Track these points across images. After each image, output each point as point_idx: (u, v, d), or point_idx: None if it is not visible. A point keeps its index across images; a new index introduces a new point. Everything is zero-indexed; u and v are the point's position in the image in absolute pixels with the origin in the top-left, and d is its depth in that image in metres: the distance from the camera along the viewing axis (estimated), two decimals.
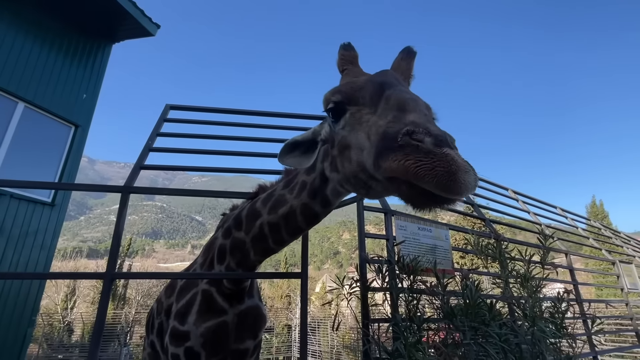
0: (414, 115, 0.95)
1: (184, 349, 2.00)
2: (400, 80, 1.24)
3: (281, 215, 1.72)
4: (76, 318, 24.38)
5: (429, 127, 0.88)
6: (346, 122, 1.22)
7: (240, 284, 2.03)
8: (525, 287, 2.16)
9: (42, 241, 5.29)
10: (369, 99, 1.15)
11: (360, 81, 1.24)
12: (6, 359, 4.65)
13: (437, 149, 0.84)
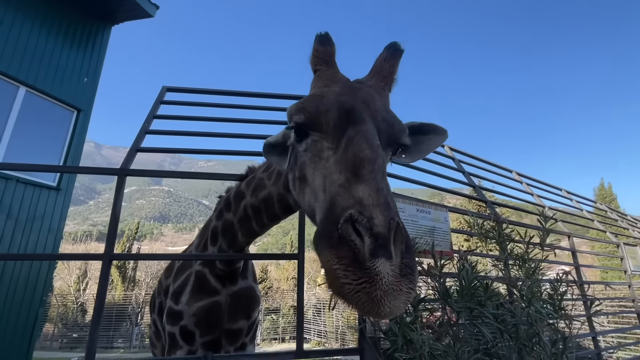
0: (364, 189, 0.86)
1: (179, 328, 2.06)
2: (373, 102, 1.11)
3: (261, 199, 1.73)
4: (89, 299, 25.18)
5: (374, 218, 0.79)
6: (308, 147, 1.11)
7: (232, 265, 2.06)
8: (523, 268, 2.15)
9: (50, 224, 5.39)
10: (332, 132, 1.05)
11: (327, 100, 1.10)
12: (19, 337, 4.82)
13: (371, 262, 0.75)
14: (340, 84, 1.19)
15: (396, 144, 1.13)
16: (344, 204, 0.85)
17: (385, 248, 0.77)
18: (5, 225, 4.81)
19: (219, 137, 2.42)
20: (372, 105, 1.10)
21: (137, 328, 21.19)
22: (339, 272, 0.76)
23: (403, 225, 0.84)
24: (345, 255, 0.77)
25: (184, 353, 2.08)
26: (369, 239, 0.77)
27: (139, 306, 22.68)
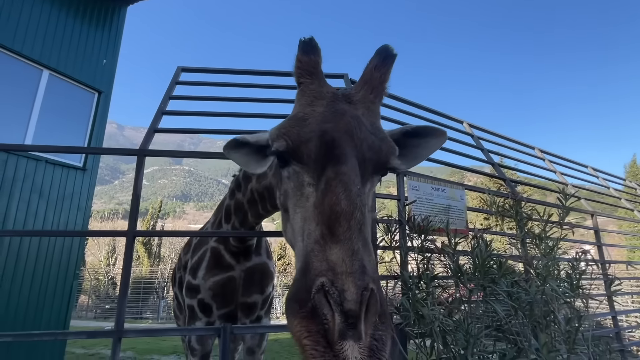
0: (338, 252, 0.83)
1: (197, 301, 2.17)
2: (357, 129, 1.05)
3: (264, 187, 1.76)
4: (118, 273, 26.66)
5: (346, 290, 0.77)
6: (290, 176, 1.08)
7: (245, 242, 2.14)
8: (539, 247, 2.13)
9: (78, 203, 5.66)
10: (313, 165, 1.01)
11: (309, 127, 1.05)
12: (57, 307, 5.20)
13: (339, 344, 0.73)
14: (325, 102, 1.12)
15: (384, 168, 1.10)
16: (318, 267, 0.83)
17: (355, 328, 0.75)
18: (38, 204, 5.09)
19: (236, 117, 2.44)
20: (356, 133, 1.03)
21: (163, 301, 22.38)
22: (308, 348, 0.75)
23: (379, 290, 0.82)
24: (315, 330, 0.76)
25: (202, 324, 2.21)
26: (338, 316, 0.75)
27: (164, 280, 23.87)
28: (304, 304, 0.79)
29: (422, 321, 1.74)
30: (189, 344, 2.34)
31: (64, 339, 1.99)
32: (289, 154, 1.05)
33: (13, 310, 4.69)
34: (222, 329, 1.72)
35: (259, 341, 2.50)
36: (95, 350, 10.05)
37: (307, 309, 0.78)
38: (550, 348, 1.64)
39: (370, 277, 0.81)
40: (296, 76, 1.21)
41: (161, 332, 1.97)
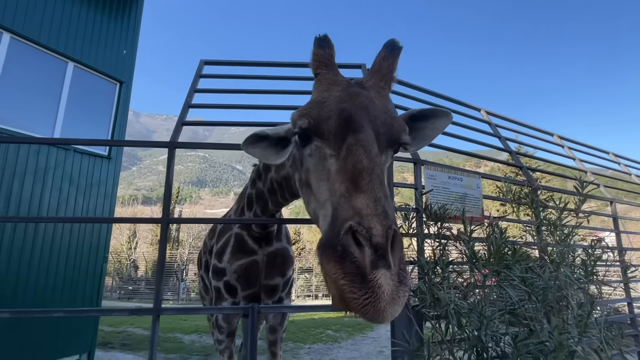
0: (363, 200, 0.92)
1: (223, 283, 2.32)
2: (372, 106, 1.15)
3: (282, 176, 1.86)
4: (139, 256, 27.65)
5: (372, 228, 0.85)
6: (312, 153, 1.17)
7: (266, 229, 2.27)
8: (554, 234, 2.18)
9: (105, 190, 5.94)
10: (333, 139, 1.10)
11: (328, 107, 1.15)
12: (89, 288, 5.54)
13: (372, 273, 0.81)
14: (340, 87, 1.22)
15: (396, 143, 1.18)
16: (345, 215, 0.91)
17: (384, 258, 0.82)
18: (69, 191, 5.37)
19: (259, 109, 2.54)
20: (371, 110, 1.13)
21: (183, 283, 23.18)
22: (346, 288, 0.82)
23: (399, 232, 0.90)
24: (349, 271, 0.83)
25: (228, 304, 2.36)
26: (368, 249, 0.83)
27: (183, 264, 24.66)
28: (335, 248, 0.86)
29: (438, 304, 1.84)
30: (216, 322, 2.52)
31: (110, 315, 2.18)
32: (310, 131, 1.14)
33: (50, 290, 5.04)
34: (251, 308, 1.87)
35: (280, 320, 2.67)
36: (122, 328, 10.63)
37: (338, 252, 0.85)
38: (561, 330, 1.72)
39: (393, 221, 0.90)
40: (313, 68, 1.32)
41: (195, 311, 2.14)
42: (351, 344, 9.37)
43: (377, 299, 0.80)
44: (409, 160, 2.36)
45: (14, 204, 4.75)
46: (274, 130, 1.42)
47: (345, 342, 9.55)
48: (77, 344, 5.30)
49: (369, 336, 10.34)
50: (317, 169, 1.13)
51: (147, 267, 26.42)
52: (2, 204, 4.63)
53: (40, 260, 4.98)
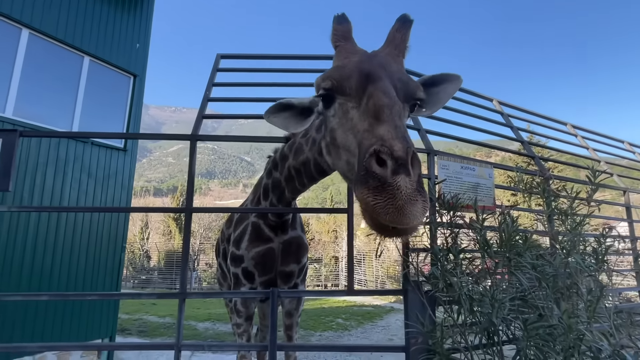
0: (384, 128, 1.03)
1: (241, 269, 2.43)
2: (389, 65, 1.26)
3: (300, 163, 1.92)
4: (151, 247, 28.23)
5: (394, 146, 0.96)
6: (335, 111, 1.29)
7: (282, 217, 2.35)
8: (565, 223, 2.22)
9: (122, 181, 6.11)
10: (355, 92, 1.21)
11: (348, 68, 1.27)
12: (109, 277, 5.77)
13: (393, 178, 0.92)
14: (358, 54, 1.35)
15: (412, 99, 1.29)
16: (368, 143, 1.02)
17: (405, 167, 0.94)
18: (87, 183, 5.54)
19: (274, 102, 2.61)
20: (388, 67, 1.26)
21: (194, 273, 23.64)
22: (370, 198, 0.94)
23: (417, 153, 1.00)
24: (373, 185, 0.94)
25: (246, 289, 2.47)
26: (390, 161, 0.94)
27: (195, 254, 25.11)
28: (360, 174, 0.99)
29: (451, 289, 1.92)
30: (234, 307, 2.64)
31: (138, 298, 2.36)
32: (333, 91, 1.27)
33: (73, 278, 5.25)
34: (271, 292, 1.97)
35: (296, 305, 2.78)
36: (137, 316, 10.98)
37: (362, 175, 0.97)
38: (570, 315, 1.78)
39: (411, 145, 1.01)
40: (333, 41, 1.46)
41: (218, 294, 2.26)
42: (361, 332, 9.55)
43: (395, 198, 0.91)
44: (422, 150, 2.41)
45: (37, 194, 4.94)
46: (298, 100, 1.55)
47: (355, 330, 9.72)
48: (99, 329, 5.54)
49: (379, 325, 10.51)
50: (341, 123, 1.25)
51: (159, 257, 27.00)
52: (27, 195, 4.81)
53: (63, 250, 5.19)
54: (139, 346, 3.25)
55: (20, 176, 4.76)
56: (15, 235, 4.73)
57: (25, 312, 4.71)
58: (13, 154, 2.14)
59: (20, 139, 2.21)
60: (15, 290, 4.55)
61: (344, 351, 6.26)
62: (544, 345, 1.74)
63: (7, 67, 4.89)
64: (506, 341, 1.99)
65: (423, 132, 2.57)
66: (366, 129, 1.09)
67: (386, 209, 0.91)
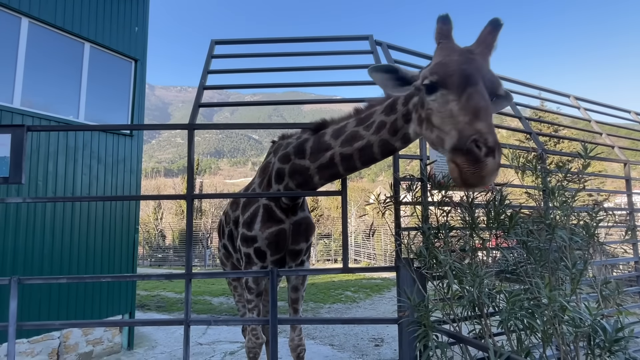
0: (482, 125, 1.39)
1: (254, 249, 2.59)
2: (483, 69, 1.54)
3: (356, 148, 2.03)
4: (165, 226, 29.05)
5: (488, 139, 1.35)
6: (436, 98, 1.59)
7: (295, 200, 2.51)
8: (554, 198, 2.28)
9: (130, 166, 6.27)
10: (456, 89, 1.51)
11: (451, 66, 1.55)
12: (124, 257, 6.05)
13: (484, 158, 1.34)
14: (457, 53, 1.60)
15: (494, 94, 1.60)
16: (470, 132, 1.39)
17: (493, 153, 1.35)
18: (98, 168, 5.72)
19: (274, 88, 2.65)
20: (482, 70, 1.54)
21: (208, 250, 24.40)
22: (466, 166, 1.37)
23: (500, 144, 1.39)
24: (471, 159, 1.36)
25: (257, 268, 2.65)
26: (484, 148, 1.34)
27: (207, 232, 25.80)
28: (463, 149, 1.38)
29: (440, 265, 2.03)
30: (246, 284, 2.82)
31: (149, 279, 2.55)
32: (438, 84, 1.56)
33: (91, 260, 5.55)
34: (271, 272, 2.11)
35: (302, 280, 2.97)
36: (156, 292, 11.51)
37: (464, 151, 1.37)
38: (552, 288, 1.87)
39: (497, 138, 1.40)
40: (436, 39, 1.71)
41: (222, 275, 2.41)
42: (369, 304, 9.89)
43: (483, 169, 1.35)
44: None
45: (51, 182, 5.14)
46: (403, 70, 1.81)
47: (363, 302, 10.07)
48: (119, 305, 5.89)
49: (386, 297, 10.84)
50: (440, 109, 1.56)
51: (173, 236, 27.82)
52: (41, 184, 5.02)
53: (80, 233, 5.46)
54: (151, 322, 3.49)
55: (34, 165, 4.96)
56: (34, 221, 4.99)
57: (49, 292, 5.04)
58: (23, 148, 2.26)
59: (28, 133, 2.33)
60: (38, 273, 4.85)
61: (342, 324, 6.55)
62: (526, 316, 1.85)
63: (10, 57, 4.97)
64: (493, 313, 2.11)
65: None
66: (467, 122, 1.42)
67: (475, 175, 1.36)
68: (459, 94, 1.49)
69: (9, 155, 2.24)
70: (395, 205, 2.28)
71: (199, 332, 6.79)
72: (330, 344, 6.30)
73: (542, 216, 2.24)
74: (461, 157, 1.38)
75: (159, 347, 6.07)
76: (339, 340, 6.53)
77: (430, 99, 1.62)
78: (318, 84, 2.73)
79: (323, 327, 7.23)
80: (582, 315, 1.81)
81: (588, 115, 4.23)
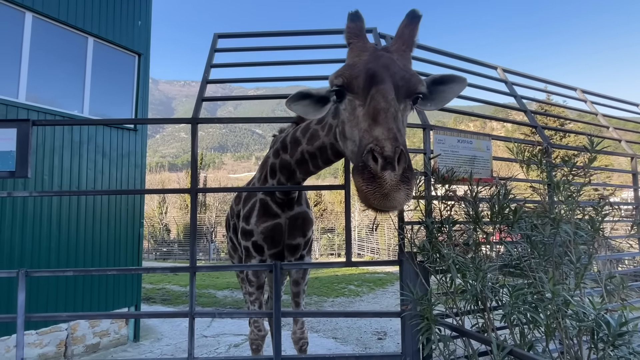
0: (379, 130, 1.23)
1: (251, 243, 2.60)
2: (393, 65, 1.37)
3: (316, 147, 2.01)
4: (170, 220, 29.26)
5: (385, 147, 1.18)
6: (346, 107, 1.47)
7: (288, 195, 2.49)
8: (559, 193, 2.26)
9: (135, 161, 6.31)
10: (361, 91, 1.38)
11: (357, 69, 1.41)
12: (129, 250, 6.11)
13: (381, 173, 1.16)
14: (368, 52, 1.45)
15: (414, 93, 1.43)
16: (366, 142, 1.24)
17: (391, 164, 1.16)
18: (102, 163, 5.76)
19: (275, 82, 2.64)
20: (391, 68, 1.38)
21: (212, 244, 24.57)
22: (363, 186, 1.18)
23: (407, 151, 1.22)
24: (367, 177, 1.18)
25: (256, 261, 2.67)
26: (380, 160, 1.16)
27: (211, 226, 25.96)
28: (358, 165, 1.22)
29: (443, 259, 2.03)
30: (246, 277, 2.85)
31: (154, 272, 2.59)
32: (344, 88, 1.43)
33: (97, 255, 5.61)
34: (274, 265, 2.12)
35: (302, 275, 2.98)
36: (161, 285, 11.64)
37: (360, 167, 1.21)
38: (556, 282, 1.87)
39: (401, 144, 1.22)
40: (346, 38, 1.58)
41: (225, 268, 2.42)
42: (372, 298, 9.93)
43: (382, 187, 1.16)
44: (417, 126, 2.44)
45: (56, 176, 5.19)
46: (315, 90, 1.69)
47: (366, 296, 10.11)
48: (124, 298, 5.97)
49: (389, 291, 10.87)
50: (349, 118, 1.44)
51: (178, 230, 28.03)
52: (47, 178, 5.07)
53: (86, 226, 5.51)
54: (157, 314, 3.54)
55: (39, 160, 5.00)
56: (40, 215, 5.04)
57: (56, 285, 5.11)
58: (28, 142, 2.28)
59: (33, 128, 2.35)
60: (45, 266, 4.92)
61: (345, 317, 6.58)
62: (529, 310, 1.85)
63: (15, 52, 4.98)
64: (496, 307, 2.11)
65: None
66: (366, 128, 1.28)
67: (375, 195, 1.17)
68: (364, 98, 1.35)
69: (15, 150, 2.26)
70: None
71: (203, 325, 6.86)
72: (333, 337, 6.34)
73: (546, 210, 2.22)
74: (357, 176, 1.22)
75: (165, 340, 6.15)
76: (342, 333, 6.57)
77: (342, 108, 1.49)
78: (322, 77, 2.72)
79: (326, 320, 7.28)
80: (586, 309, 1.81)
81: (595, 108, 4.18)
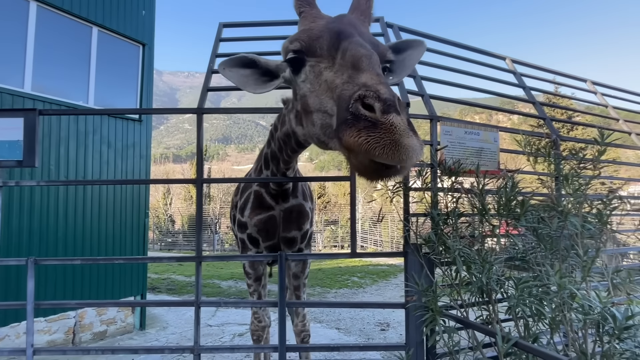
0: (367, 75, 0.98)
1: (246, 235, 2.57)
2: (358, 25, 1.21)
3: (284, 134, 1.91)
4: (174, 212, 29.49)
5: (379, 90, 0.91)
6: (306, 76, 1.23)
7: (282, 186, 2.39)
8: (567, 185, 2.23)
9: (140, 151, 6.34)
10: (327, 51, 1.16)
11: (317, 29, 1.22)
12: (135, 240, 6.18)
13: (384, 117, 0.88)
14: (324, 19, 1.31)
15: (383, 61, 1.24)
16: (350, 92, 0.96)
17: (394, 107, 0.88)
18: (108, 154, 5.79)
19: None
20: (358, 27, 1.23)
21: (217, 235, 24.75)
22: (362, 137, 0.87)
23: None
24: (364, 126, 0.88)
25: (252, 253, 2.62)
26: (378, 103, 0.88)
27: (215, 217, 26.13)
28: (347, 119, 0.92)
29: (448, 251, 2.02)
30: (244, 269, 2.84)
31: (160, 262, 2.62)
32: (303, 53, 1.23)
33: (104, 244, 5.68)
34: (279, 255, 2.13)
35: (302, 268, 2.90)
36: (166, 275, 11.78)
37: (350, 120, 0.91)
38: (562, 275, 1.86)
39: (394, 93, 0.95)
40: (296, 7, 1.41)
41: (230, 258, 2.43)
42: (375, 289, 9.98)
43: (391, 132, 0.86)
44: (424, 117, 2.41)
45: (62, 166, 5.23)
46: (265, 60, 1.50)
47: (369, 288, 10.17)
48: (130, 287, 6.05)
49: (392, 282, 10.92)
50: (314, 86, 1.19)
51: (182, 221, 28.27)
52: (53, 168, 5.11)
53: (92, 216, 5.57)
54: (163, 303, 3.58)
55: (45, 150, 5.03)
56: (47, 204, 5.10)
57: (64, 274, 5.19)
58: (35, 132, 2.29)
59: (40, 117, 2.35)
60: (52, 255, 4.99)
61: (349, 307, 6.63)
62: (535, 303, 1.85)
63: (20, 42, 4.98)
64: (502, 299, 2.11)
65: (427, 97, 2.55)
66: (345, 80, 1.02)
67: (382, 143, 0.86)
68: (332, 57, 1.14)
69: (22, 139, 2.27)
70: (404, 191, 2.26)
71: (208, 314, 6.95)
72: (336, 328, 6.40)
73: (554, 203, 2.20)
74: (349, 131, 0.89)
75: (170, 328, 6.24)
76: (345, 324, 6.63)
77: (300, 81, 1.25)
78: None
79: (330, 311, 7.34)
80: (592, 302, 1.80)
81: (605, 100, 4.11)
